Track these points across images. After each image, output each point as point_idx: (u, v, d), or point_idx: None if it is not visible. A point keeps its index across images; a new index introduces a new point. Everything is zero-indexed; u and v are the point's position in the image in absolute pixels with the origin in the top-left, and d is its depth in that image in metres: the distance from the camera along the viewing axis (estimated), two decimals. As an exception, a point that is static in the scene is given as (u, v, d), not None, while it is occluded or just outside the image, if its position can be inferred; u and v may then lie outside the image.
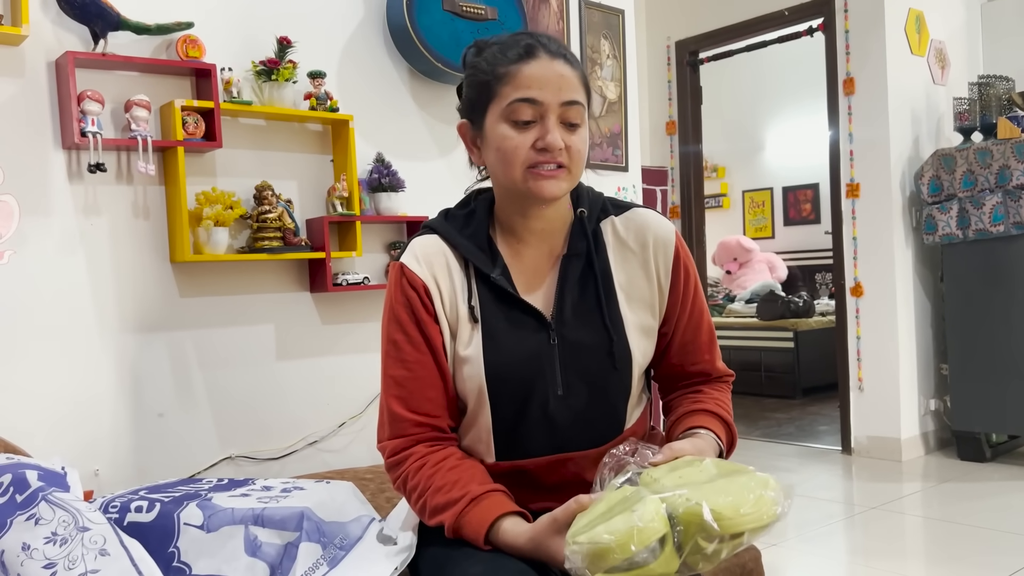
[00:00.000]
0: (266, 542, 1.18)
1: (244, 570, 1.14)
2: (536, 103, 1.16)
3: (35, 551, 1.03)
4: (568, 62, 1.19)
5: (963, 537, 2.92)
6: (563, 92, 1.17)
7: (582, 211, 1.26)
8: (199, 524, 1.18)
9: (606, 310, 1.22)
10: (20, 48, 1.98)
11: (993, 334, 3.82)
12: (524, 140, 1.16)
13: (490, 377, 1.19)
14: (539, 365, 1.19)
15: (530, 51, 1.18)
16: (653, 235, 1.26)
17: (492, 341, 1.20)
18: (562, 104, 1.17)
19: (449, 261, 1.24)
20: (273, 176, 2.36)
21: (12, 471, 1.19)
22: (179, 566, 1.15)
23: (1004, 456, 4.02)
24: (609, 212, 1.29)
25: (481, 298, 1.22)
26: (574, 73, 1.19)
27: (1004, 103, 4.00)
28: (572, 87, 1.18)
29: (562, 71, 1.17)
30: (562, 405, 1.20)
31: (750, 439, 4.75)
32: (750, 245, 7.22)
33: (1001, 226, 3.73)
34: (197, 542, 1.16)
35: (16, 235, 1.97)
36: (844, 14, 4.17)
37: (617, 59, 3.39)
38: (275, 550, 1.17)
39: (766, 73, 7.26)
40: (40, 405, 1.99)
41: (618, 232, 1.27)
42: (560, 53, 1.19)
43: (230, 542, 1.16)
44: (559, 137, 1.16)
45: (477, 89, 1.22)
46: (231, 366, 2.29)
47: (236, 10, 2.32)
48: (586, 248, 1.24)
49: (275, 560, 1.16)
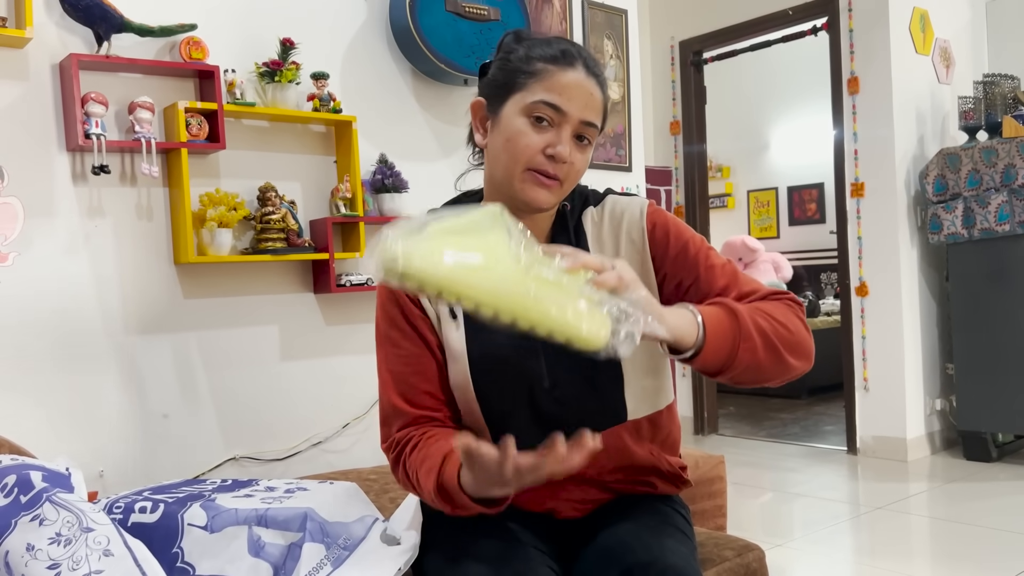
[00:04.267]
0: (270, 542, 1.18)
1: (248, 571, 1.14)
2: (560, 111, 1.17)
3: (39, 552, 1.04)
4: (600, 85, 1.21)
5: (969, 537, 2.91)
6: (587, 110, 1.18)
7: (565, 204, 1.28)
8: (203, 525, 1.18)
9: None
10: (24, 50, 1.98)
11: (999, 333, 3.80)
12: (537, 140, 1.17)
13: (474, 371, 1.20)
14: (523, 358, 1.20)
15: (570, 59, 1.19)
16: (623, 212, 1.28)
17: (474, 335, 1.21)
18: (582, 121, 1.18)
19: None
20: (276, 177, 2.36)
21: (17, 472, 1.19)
22: (183, 567, 1.15)
23: (1010, 456, 4.00)
24: (588, 203, 1.30)
25: None
26: (601, 97, 1.21)
27: (1009, 102, 3.98)
28: (596, 108, 1.20)
29: (593, 90, 1.19)
30: (549, 398, 1.20)
31: (755, 439, 4.74)
32: (755, 245, 7.20)
33: (1007, 225, 3.72)
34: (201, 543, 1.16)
35: (21, 237, 1.97)
36: (848, 13, 4.16)
37: (620, 59, 3.39)
38: (279, 550, 1.17)
39: (770, 73, 7.25)
40: (45, 406, 1.99)
41: (595, 221, 1.28)
42: (596, 73, 1.21)
43: (234, 543, 1.16)
44: (569, 150, 1.17)
45: (506, 74, 1.22)
46: (235, 367, 2.29)
47: (239, 12, 2.33)
48: (567, 241, 1.26)
49: (279, 561, 1.16)
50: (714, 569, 1.40)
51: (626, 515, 1.23)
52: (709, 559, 1.42)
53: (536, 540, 1.20)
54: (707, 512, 2.12)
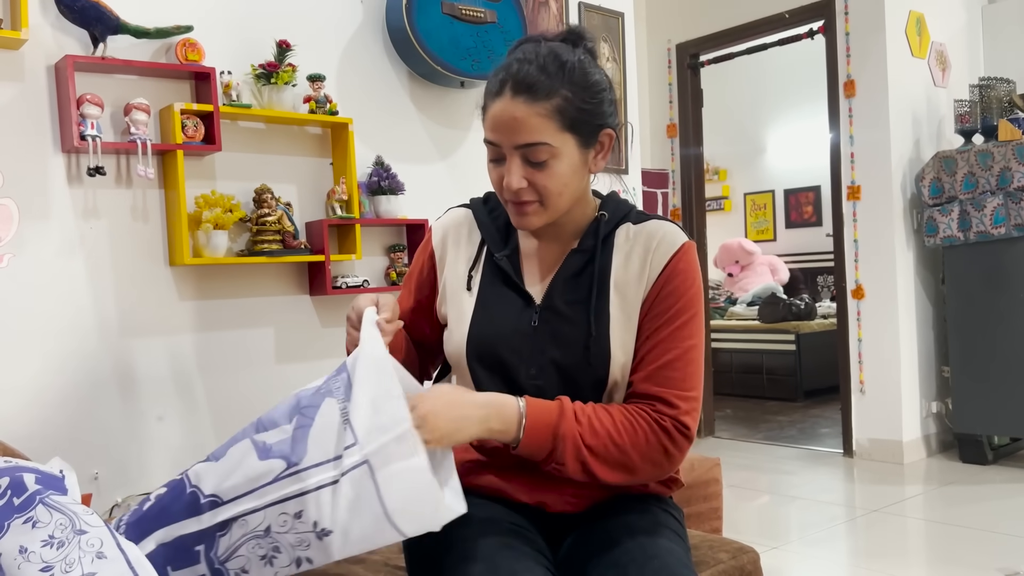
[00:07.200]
0: (274, 443, 1.10)
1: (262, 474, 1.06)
2: (494, 145, 1.19)
3: (32, 554, 1.03)
4: (532, 100, 1.14)
5: (965, 540, 2.91)
6: (517, 135, 1.15)
7: (602, 214, 1.28)
8: (204, 458, 1.14)
9: (593, 305, 1.22)
10: (20, 52, 1.98)
11: (994, 336, 3.81)
12: (495, 178, 1.22)
13: (471, 344, 1.25)
14: (517, 344, 1.23)
15: (500, 87, 1.17)
16: (660, 239, 1.25)
17: (482, 312, 1.26)
18: (516, 147, 1.16)
19: (470, 233, 1.34)
20: (272, 179, 2.36)
21: (10, 474, 1.18)
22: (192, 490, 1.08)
23: (1006, 459, 4.01)
24: (629, 220, 1.29)
25: (485, 273, 1.29)
26: (536, 109, 1.14)
27: (1005, 105, 3.99)
28: (528, 129, 1.14)
29: (515, 112, 1.14)
30: (532, 386, 1.22)
31: (751, 442, 4.74)
32: (752, 248, 7.22)
33: (1002, 228, 3.72)
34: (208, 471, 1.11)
35: (15, 239, 1.97)
36: (844, 16, 4.17)
37: (617, 62, 3.39)
38: (285, 445, 1.11)
39: (767, 76, 7.26)
40: (39, 408, 1.99)
41: (629, 236, 1.28)
42: (521, 91, 1.14)
43: (244, 460, 1.11)
44: (516, 179, 1.17)
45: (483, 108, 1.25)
46: (230, 369, 2.29)
47: (235, 13, 2.33)
48: (593, 246, 1.26)
49: (287, 451, 1.10)
50: (708, 571, 1.40)
51: (620, 514, 1.23)
52: (703, 561, 1.42)
53: (529, 532, 1.20)
54: (703, 514, 2.12)
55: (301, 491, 1.05)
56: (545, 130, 1.15)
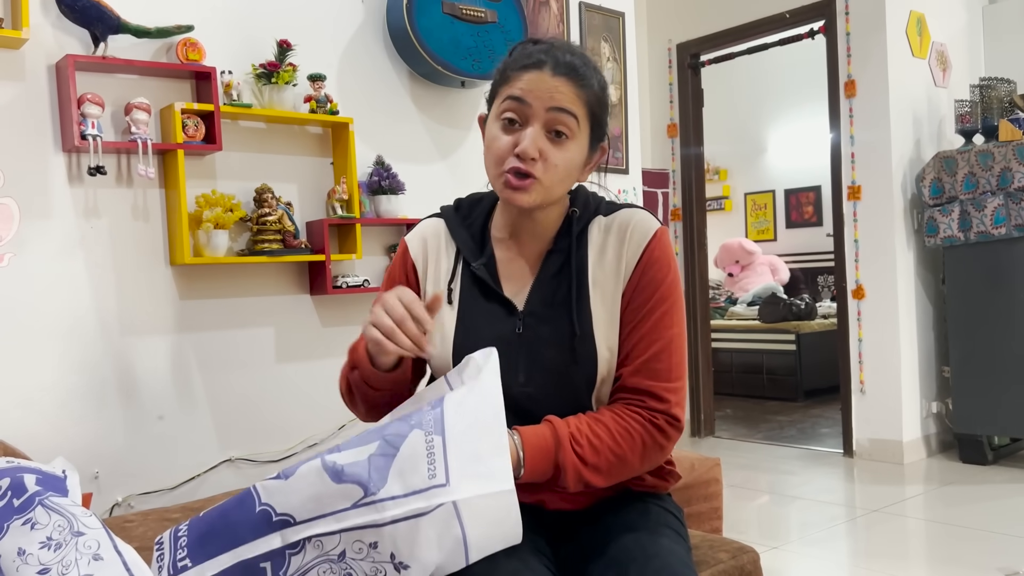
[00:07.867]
0: (346, 464, 1.04)
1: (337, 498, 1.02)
2: (523, 103, 1.18)
3: (30, 556, 1.03)
4: (573, 81, 1.19)
5: (965, 540, 2.91)
6: (553, 99, 1.17)
7: (573, 210, 1.29)
8: (274, 476, 1.10)
9: (575, 305, 1.22)
10: (20, 51, 1.98)
11: (995, 336, 3.81)
12: (506, 141, 1.19)
13: (456, 359, 1.23)
14: (503, 352, 1.20)
15: (537, 63, 1.19)
16: (632, 228, 1.25)
17: (464, 324, 1.26)
18: (548, 109, 1.17)
19: (445, 245, 1.32)
20: (273, 179, 2.36)
21: (11, 475, 1.19)
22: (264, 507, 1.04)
23: (1006, 459, 4.01)
24: (599, 212, 1.30)
25: (463, 284, 1.28)
26: (574, 90, 1.19)
27: (1006, 105, 3.99)
28: (566, 98, 1.18)
29: (559, 84, 1.18)
30: (522, 393, 1.21)
31: (751, 442, 4.74)
32: (752, 248, 7.22)
33: (1003, 228, 3.72)
34: (281, 490, 1.08)
35: (16, 238, 1.97)
36: (845, 16, 4.17)
37: (617, 62, 3.39)
38: (361, 469, 1.03)
39: (768, 76, 7.26)
40: (40, 408, 1.99)
41: (602, 230, 1.28)
42: (564, 71, 1.18)
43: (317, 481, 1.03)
44: (534, 144, 1.17)
45: (492, 86, 1.26)
46: (231, 369, 2.29)
47: (236, 13, 2.32)
48: (567, 246, 1.26)
49: (363, 476, 1.02)
50: (708, 571, 1.40)
51: (620, 514, 1.23)
52: (704, 561, 1.42)
53: (529, 532, 1.20)
54: (703, 514, 2.12)
55: (376, 522, 1.02)
56: (576, 105, 1.19)
